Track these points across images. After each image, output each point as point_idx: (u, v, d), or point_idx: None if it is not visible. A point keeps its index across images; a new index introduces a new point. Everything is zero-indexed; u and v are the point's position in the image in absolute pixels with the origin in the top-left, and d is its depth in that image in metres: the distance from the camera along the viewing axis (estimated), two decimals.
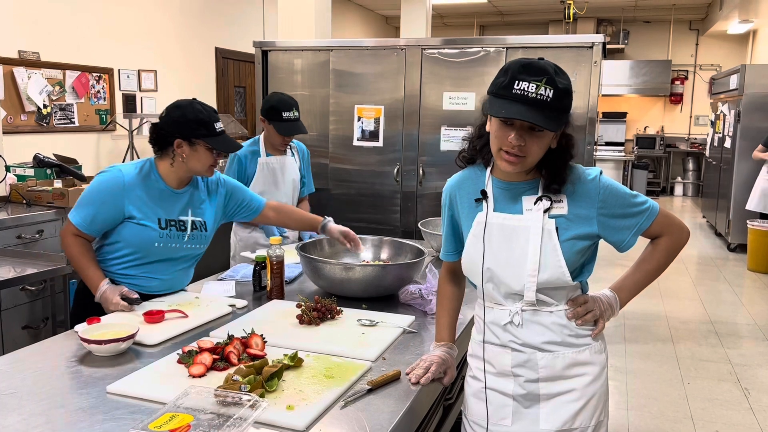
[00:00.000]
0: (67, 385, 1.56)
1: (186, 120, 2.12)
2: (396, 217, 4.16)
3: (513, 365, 1.59)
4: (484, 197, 1.59)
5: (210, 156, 2.18)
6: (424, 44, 3.99)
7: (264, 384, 1.49)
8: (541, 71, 1.42)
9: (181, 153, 2.14)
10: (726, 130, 8.02)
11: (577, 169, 1.56)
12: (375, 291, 2.29)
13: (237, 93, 7.64)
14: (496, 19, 12.53)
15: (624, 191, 1.57)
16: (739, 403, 3.61)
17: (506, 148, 1.47)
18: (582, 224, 1.54)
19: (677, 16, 11.72)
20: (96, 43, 5.40)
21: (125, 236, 2.14)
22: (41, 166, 4.29)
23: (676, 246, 1.64)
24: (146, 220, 2.13)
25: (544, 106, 1.41)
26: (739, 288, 6.08)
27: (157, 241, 2.16)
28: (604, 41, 3.63)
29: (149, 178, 2.17)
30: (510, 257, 1.55)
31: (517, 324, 1.57)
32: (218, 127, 2.17)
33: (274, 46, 4.32)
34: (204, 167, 2.19)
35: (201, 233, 2.28)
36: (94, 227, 2.13)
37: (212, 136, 2.14)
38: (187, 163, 2.16)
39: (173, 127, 2.13)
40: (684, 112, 12.58)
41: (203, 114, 2.13)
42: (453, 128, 3.96)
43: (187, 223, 2.23)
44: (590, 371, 1.60)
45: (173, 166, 2.17)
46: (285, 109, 3.08)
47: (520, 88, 1.41)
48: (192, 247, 2.27)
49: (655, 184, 12.49)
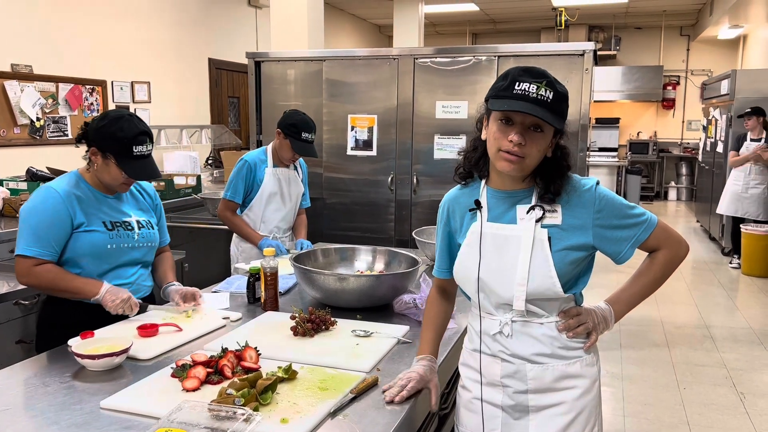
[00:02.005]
0: (60, 400, 1.55)
1: (103, 132, 2.08)
2: (391, 225, 4.16)
3: (502, 375, 1.59)
4: (478, 207, 1.59)
5: (120, 175, 2.13)
6: (417, 53, 4.01)
7: (258, 397, 1.49)
8: (541, 75, 1.46)
9: (95, 161, 2.13)
10: (718, 134, 8.07)
11: (574, 179, 1.56)
12: (369, 301, 2.29)
13: (231, 103, 7.65)
14: (488, 27, 12.59)
15: (621, 202, 1.56)
16: (735, 408, 3.61)
17: (506, 147, 1.47)
18: (577, 235, 1.53)
19: (668, 22, 11.80)
20: (89, 55, 5.41)
21: (77, 248, 2.11)
22: (34, 179, 4.28)
23: (675, 260, 1.61)
24: (93, 225, 2.12)
25: (545, 105, 1.43)
26: (734, 292, 6.09)
27: (109, 243, 2.14)
28: (595, 49, 3.65)
29: (79, 187, 2.15)
30: (500, 266, 1.55)
31: (506, 334, 1.57)
32: (138, 151, 2.09)
33: (267, 56, 4.34)
34: (115, 183, 2.15)
35: (149, 231, 2.28)
36: (55, 250, 2.08)
37: (126, 157, 2.08)
38: (99, 172, 2.14)
39: (93, 135, 2.11)
40: (676, 117, 12.65)
41: (123, 133, 2.06)
42: (446, 137, 3.98)
43: (132, 222, 2.23)
44: (580, 384, 1.58)
45: (89, 171, 2.17)
46: (306, 131, 3.16)
47: (521, 88, 1.44)
48: (144, 245, 2.25)
49: (648, 189, 12.52)
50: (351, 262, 2.65)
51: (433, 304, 1.79)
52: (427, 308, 1.81)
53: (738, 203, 6.84)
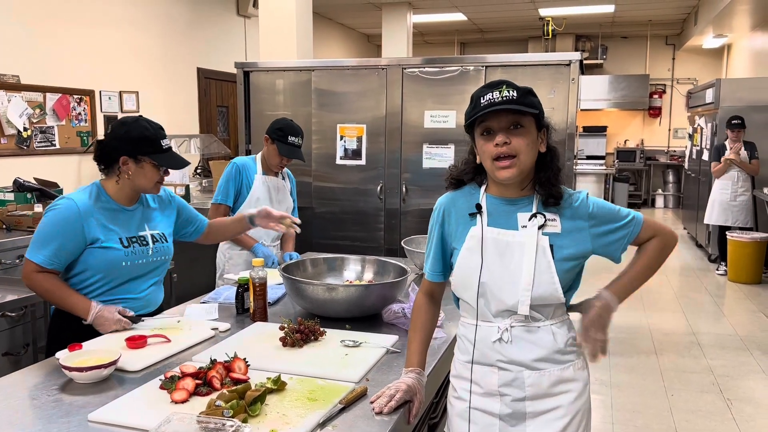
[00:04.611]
0: (48, 413, 1.55)
1: (131, 137, 2.12)
2: (380, 234, 4.17)
3: (500, 384, 1.61)
4: (479, 211, 1.61)
5: (156, 173, 2.18)
6: (405, 63, 4.03)
7: (247, 409, 1.49)
8: (499, 83, 1.54)
9: (126, 170, 2.14)
10: (703, 142, 8.15)
11: (567, 191, 1.62)
12: (358, 311, 2.29)
13: (220, 112, 7.65)
14: (476, 36, 12.68)
15: (610, 207, 1.64)
16: (722, 414, 3.64)
17: (495, 153, 1.52)
18: (575, 242, 1.59)
19: (653, 31, 11.94)
20: (77, 64, 5.39)
21: (91, 263, 2.12)
22: (21, 190, 4.25)
23: (667, 245, 1.68)
24: (109, 242, 2.12)
25: (513, 101, 1.50)
26: (721, 299, 6.15)
27: (124, 260, 2.15)
28: (581, 59, 3.69)
29: (99, 200, 2.16)
30: (504, 272, 1.57)
31: (506, 341, 1.59)
32: (164, 144, 2.17)
33: (256, 66, 4.35)
34: (150, 184, 2.19)
35: (163, 245, 2.28)
36: (60, 261, 2.10)
37: (158, 152, 2.14)
38: (133, 180, 2.16)
39: (118, 144, 2.13)
40: (663, 125, 12.77)
41: (149, 131, 2.13)
42: (435, 146, 4.00)
43: (147, 237, 2.23)
44: (574, 388, 1.62)
45: (119, 183, 2.17)
46: (292, 134, 3.18)
47: (486, 99, 1.52)
48: (158, 259, 2.27)
49: (636, 197, 12.63)
50: (340, 272, 2.66)
51: (421, 310, 1.78)
52: (414, 315, 1.79)
53: (728, 212, 6.88)
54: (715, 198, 6.97)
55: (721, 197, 6.91)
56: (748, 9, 8.03)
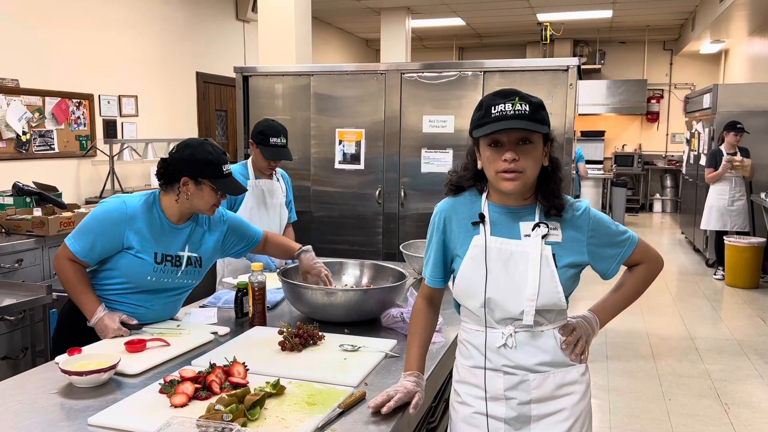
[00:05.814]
0: (47, 418, 1.55)
1: (195, 159, 2.15)
2: (379, 239, 4.18)
3: (506, 388, 1.62)
4: (482, 220, 1.62)
5: (214, 196, 2.20)
6: (403, 68, 4.05)
7: (246, 413, 1.49)
8: (511, 93, 1.52)
9: (186, 191, 2.17)
10: (701, 147, 8.18)
11: (568, 201, 1.63)
12: (357, 315, 2.30)
13: (218, 117, 7.66)
14: (474, 41, 12.71)
15: (609, 222, 1.66)
16: (719, 419, 3.65)
17: (502, 168, 1.52)
18: (575, 252, 1.61)
19: (651, 36, 11.98)
20: (76, 69, 5.40)
21: (121, 266, 2.16)
22: (20, 194, 4.26)
23: (653, 273, 1.74)
24: (143, 254, 2.15)
25: (525, 117, 1.49)
26: (718, 303, 6.16)
27: (150, 275, 2.18)
28: (579, 64, 3.71)
29: (151, 211, 2.19)
30: (508, 282, 1.58)
31: (510, 346, 1.60)
32: (225, 170, 2.19)
33: (255, 71, 4.36)
34: (207, 206, 2.21)
35: (195, 269, 2.30)
36: (92, 256, 2.14)
37: (219, 177, 2.17)
38: (191, 200, 2.18)
39: (182, 165, 2.16)
40: (660, 130, 12.81)
41: (212, 155, 2.16)
42: (433, 150, 4.01)
43: (182, 258, 2.24)
44: (578, 390, 1.65)
45: (177, 201, 2.20)
46: (273, 135, 3.16)
47: (498, 110, 1.50)
48: (184, 282, 2.29)
49: (634, 201, 12.65)
50: (338, 276, 2.66)
51: (420, 315, 1.77)
52: (413, 320, 1.78)
53: (726, 217, 6.88)
54: (713, 204, 6.97)
55: (718, 203, 6.91)
56: (745, 15, 8.07)
